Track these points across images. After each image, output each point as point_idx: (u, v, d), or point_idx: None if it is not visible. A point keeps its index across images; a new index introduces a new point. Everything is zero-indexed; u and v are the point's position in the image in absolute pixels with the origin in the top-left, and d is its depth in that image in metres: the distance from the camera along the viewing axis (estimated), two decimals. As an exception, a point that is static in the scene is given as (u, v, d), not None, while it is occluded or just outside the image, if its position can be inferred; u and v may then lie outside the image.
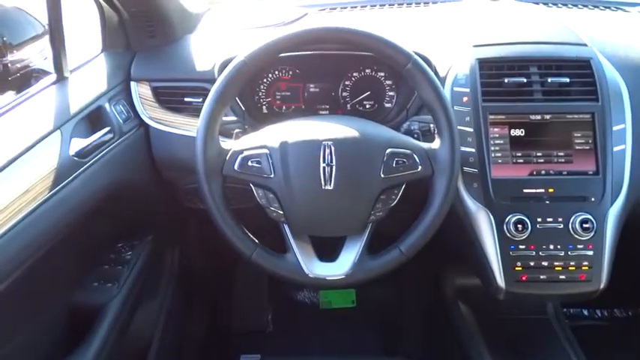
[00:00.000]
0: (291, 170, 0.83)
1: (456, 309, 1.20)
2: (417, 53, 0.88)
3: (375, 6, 1.38)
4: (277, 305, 1.64)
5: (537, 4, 1.36)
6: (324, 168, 0.82)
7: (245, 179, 0.85)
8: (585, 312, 1.55)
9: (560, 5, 1.38)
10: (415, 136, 0.97)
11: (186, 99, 1.07)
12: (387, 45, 0.84)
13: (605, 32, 1.15)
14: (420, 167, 0.84)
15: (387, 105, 1.12)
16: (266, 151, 0.84)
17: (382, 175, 0.83)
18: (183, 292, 1.39)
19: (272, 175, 0.83)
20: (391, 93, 1.12)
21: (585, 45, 1.02)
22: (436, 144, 0.86)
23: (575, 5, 1.39)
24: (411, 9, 1.36)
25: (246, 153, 0.85)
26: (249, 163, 0.84)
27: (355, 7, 1.37)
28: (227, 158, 0.85)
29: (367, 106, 1.13)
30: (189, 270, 1.44)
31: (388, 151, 0.84)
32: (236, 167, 0.84)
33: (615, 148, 0.95)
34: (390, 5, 1.38)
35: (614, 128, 0.96)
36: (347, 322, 1.59)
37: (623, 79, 1.00)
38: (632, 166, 0.96)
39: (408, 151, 0.85)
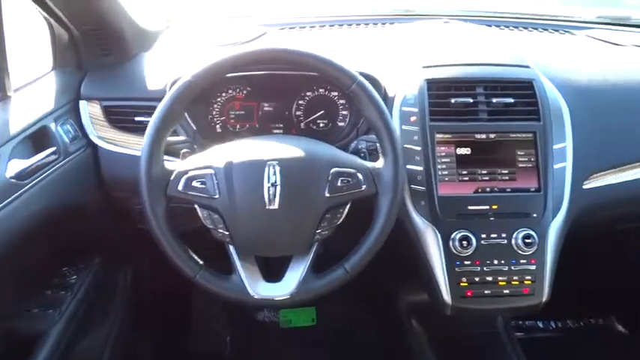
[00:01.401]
0: (236, 190, 0.83)
1: (409, 325, 1.21)
2: (364, 74, 0.90)
3: (333, 25, 1.40)
4: (236, 326, 1.62)
5: (490, 26, 1.41)
6: (268, 188, 0.82)
7: (189, 200, 0.85)
8: (540, 324, 1.59)
9: (511, 28, 1.43)
10: (362, 155, 0.98)
11: (137, 118, 1.06)
12: (331, 66, 0.86)
13: (549, 54, 1.20)
14: (364, 186, 0.86)
15: (341, 124, 1.14)
16: (211, 171, 0.84)
17: (327, 195, 0.84)
18: (135, 315, 1.36)
19: (217, 196, 0.83)
20: (344, 112, 1.13)
21: (528, 67, 1.05)
22: (380, 163, 0.87)
23: (526, 28, 1.45)
24: (368, 29, 1.39)
25: (191, 173, 0.85)
26: (194, 184, 0.84)
27: (314, 27, 1.40)
28: (171, 179, 0.84)
29: (321, 125, 1.14)
30: (142, 292, 1.41)
31: (333, 170, 0.85)
32: (180, 188, 0.84)
33: (556, 166, 0.98)
34: (348, 25, 1.41)
35: (555, 147, 0.99)
36: (307, 341, 1.58)
37: (564, 100, 1.04)
38: (573, 183, 0.99)
39: (353, 171, 0.86)
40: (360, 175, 0.86)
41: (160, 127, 0.84)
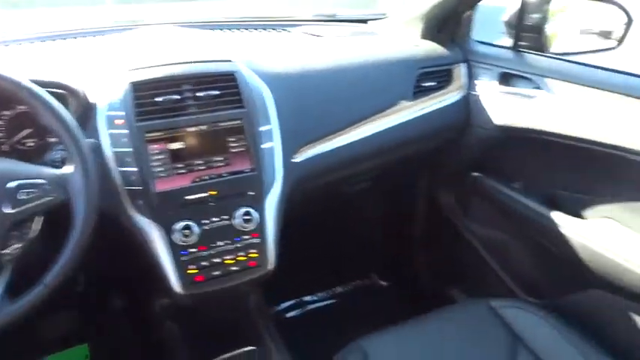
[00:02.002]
0: None
1: (165, 327, 1.20)
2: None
3: (55, 39, 1.33)
4: None
5: (213, 29, 1.49)
6: None
7: None
8: (315, 297, 1.73)
9: (233, 30, 1.54)
10: (57, 164, 0.94)
11: None
12: None
13: (258, 50, 1.31)
14: (53, 195, 0.82)
15: (53, 139, 1.07)
16: None
17: (7, 211, 0.79)
18: None
19: None
20: None
21: (230, 61, 1.13)
22: (69, 169, 0.85)
23: (246, 29, 1.57)
24: (86, 40, 1.34)
25: None
26: None
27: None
28: None
29: (31, 144, 1.05)
30: None
31: (9, 185, 0.80)
32: None
33: (265, 146, 1.07)
34: (63, 39, 1.35)
35: (261, 129, 1.08)
36: None
37: (268, 87, 1.14)
38: (283, 159, 1.10)
39: (39, 181, 0.82)
40: (47, 184, 0.82)
41: None
